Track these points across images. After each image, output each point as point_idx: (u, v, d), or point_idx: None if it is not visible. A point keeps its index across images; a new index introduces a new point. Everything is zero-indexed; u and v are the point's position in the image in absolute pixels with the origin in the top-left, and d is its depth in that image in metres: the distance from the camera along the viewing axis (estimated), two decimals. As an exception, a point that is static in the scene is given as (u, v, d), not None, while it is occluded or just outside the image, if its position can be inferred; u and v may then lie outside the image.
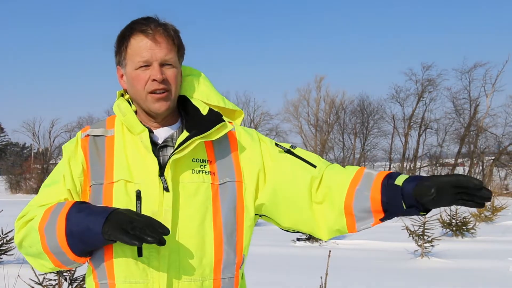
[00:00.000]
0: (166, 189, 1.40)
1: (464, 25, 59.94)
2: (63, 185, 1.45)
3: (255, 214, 1.53)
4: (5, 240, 7.15)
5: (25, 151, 48.79)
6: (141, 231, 1.23)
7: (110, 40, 1.53)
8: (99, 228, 1.27)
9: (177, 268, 1.38)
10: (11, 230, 7.07)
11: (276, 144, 1.58)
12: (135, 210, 1.38)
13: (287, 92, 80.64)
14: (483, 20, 59.10)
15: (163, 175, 1.41)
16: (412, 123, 35.04)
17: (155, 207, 1.39)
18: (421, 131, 35.08)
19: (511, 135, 32.90)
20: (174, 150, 1.43)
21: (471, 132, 33.74)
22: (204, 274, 1.41)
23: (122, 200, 1.40)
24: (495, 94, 33.53)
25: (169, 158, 1.43)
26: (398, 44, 62.24)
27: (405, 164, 34.87)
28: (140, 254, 1.37)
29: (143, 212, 1.38)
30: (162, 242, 1.24)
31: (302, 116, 38.44)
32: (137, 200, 1.40)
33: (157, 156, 1.44)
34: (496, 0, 56.54)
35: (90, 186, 1.43)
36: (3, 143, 52.78)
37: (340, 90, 48.07)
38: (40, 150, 39.90)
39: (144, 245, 1.36)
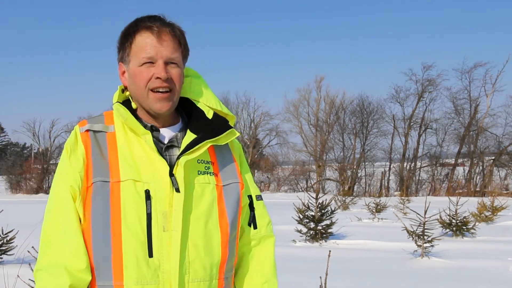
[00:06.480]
0: (177, 189, 1.38)
1: (465, 25, 60.01)
2: (69, 193, 1.40)
3: None
4: (5, 240, 7.13)
5: (25, 151, 48.68)
6: None
7: (110, 41, 1.53)
8: None
9: (188, 269, 1.38)
10: (11, 230, 7.05)
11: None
12: (145, 210, 1.36)
13: (287, 92, 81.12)
14: (483, 20, 59.17)
15: (173, 175, 1.39)
16: (412, 123, 34.97)
17: (166, 207, 1.37)
18: (421, 131, 35.02)
19: (511, 135, 32.91)
20: (183, 151, 1.42)
21: (471, 132, 33.70)
22: (212, 273, 1.42)
23: (131, 199, 1.36)
24: (495, 94, 33.62)
25: (178, 158, 1.41)
26: (398, 44, 62.31)
27: (405, 164, 34.81)
28: (150, 254, 1.35)
29: (153, 213, 1.36)
30: None
31: (302, 116, 38.42)
32: (146, 200, 1.36)
33: (163, 156, 1.42)
34: (496, 0, 56.52)
35: (92, 183, 1.38)
36: (3, 143, 52.73)
37: (340, 90, 48.17)
38: (40, 150, 39.79)
39: (155, 246, 1.35)
